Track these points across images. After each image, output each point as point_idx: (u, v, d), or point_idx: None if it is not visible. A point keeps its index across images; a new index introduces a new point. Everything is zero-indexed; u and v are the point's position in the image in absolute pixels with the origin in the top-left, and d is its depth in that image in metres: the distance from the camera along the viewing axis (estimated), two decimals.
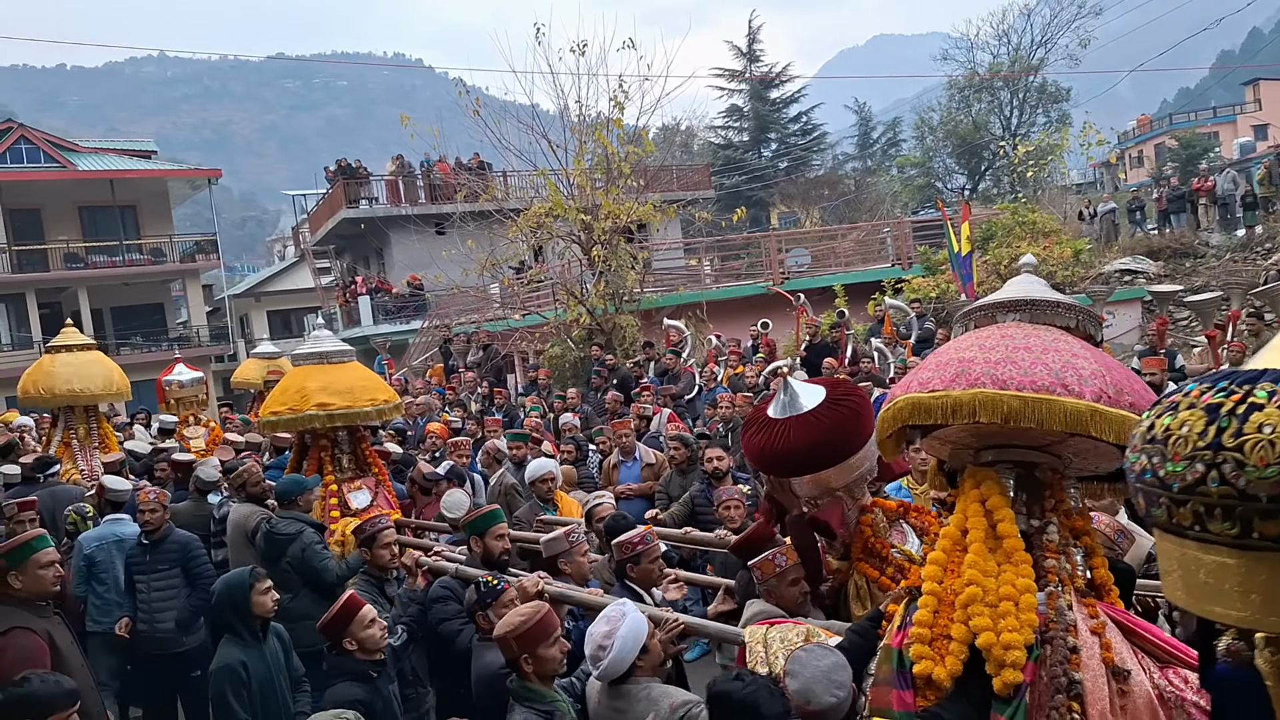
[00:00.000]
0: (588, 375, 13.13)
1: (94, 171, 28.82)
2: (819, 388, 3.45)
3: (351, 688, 3.76)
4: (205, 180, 31.78)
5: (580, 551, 4.37)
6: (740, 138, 41.22)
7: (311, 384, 5.93)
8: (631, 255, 14.90)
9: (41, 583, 4.13)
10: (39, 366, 8.88)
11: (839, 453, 3.25)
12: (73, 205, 29.02)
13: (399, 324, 24.72)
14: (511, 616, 3.32)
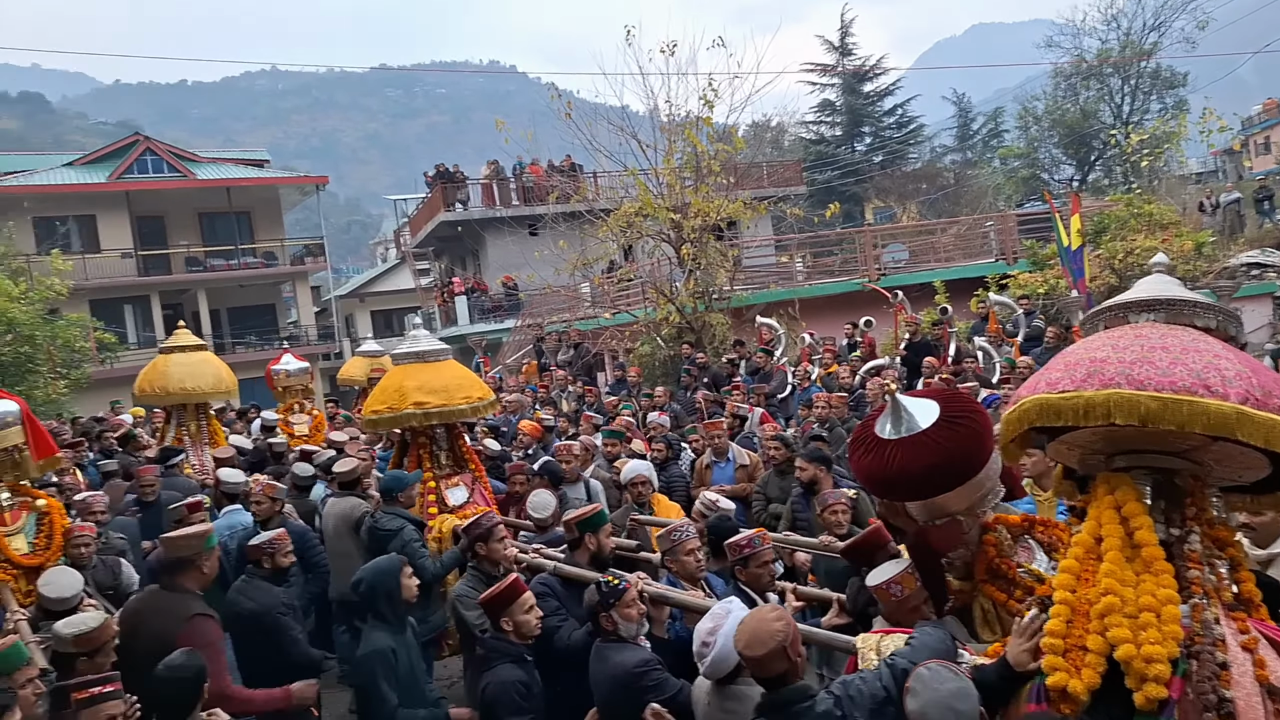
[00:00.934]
0: (677, 374, 13.03)
1: (212, 180, 30.29)
2: (932, 404, 3.17)
3: (513, 669, 3.82)
4: (314, 187, 33.07)
5: (685, 550, 4.26)
6: (833, 132, 40.45)
7: (409, 383, 6.00)
8: (721, 253, 14.73)
9: (212, 574, 4.45)
10: (154, 367, 9.31)
11: (958, 476, 3.00)
12: (193, 212, 30.56)
13: (494, 323, 25.16)
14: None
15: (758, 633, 2.76)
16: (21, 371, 18.11)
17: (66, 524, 5.54)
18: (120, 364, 24.18)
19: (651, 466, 6.60)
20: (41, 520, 5.43)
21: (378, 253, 52.11)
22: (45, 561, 5.20)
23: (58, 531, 5.40)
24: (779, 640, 2.73)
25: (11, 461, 5.35)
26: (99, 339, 22.40)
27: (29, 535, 5.34)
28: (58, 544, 5.38)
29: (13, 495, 5.40)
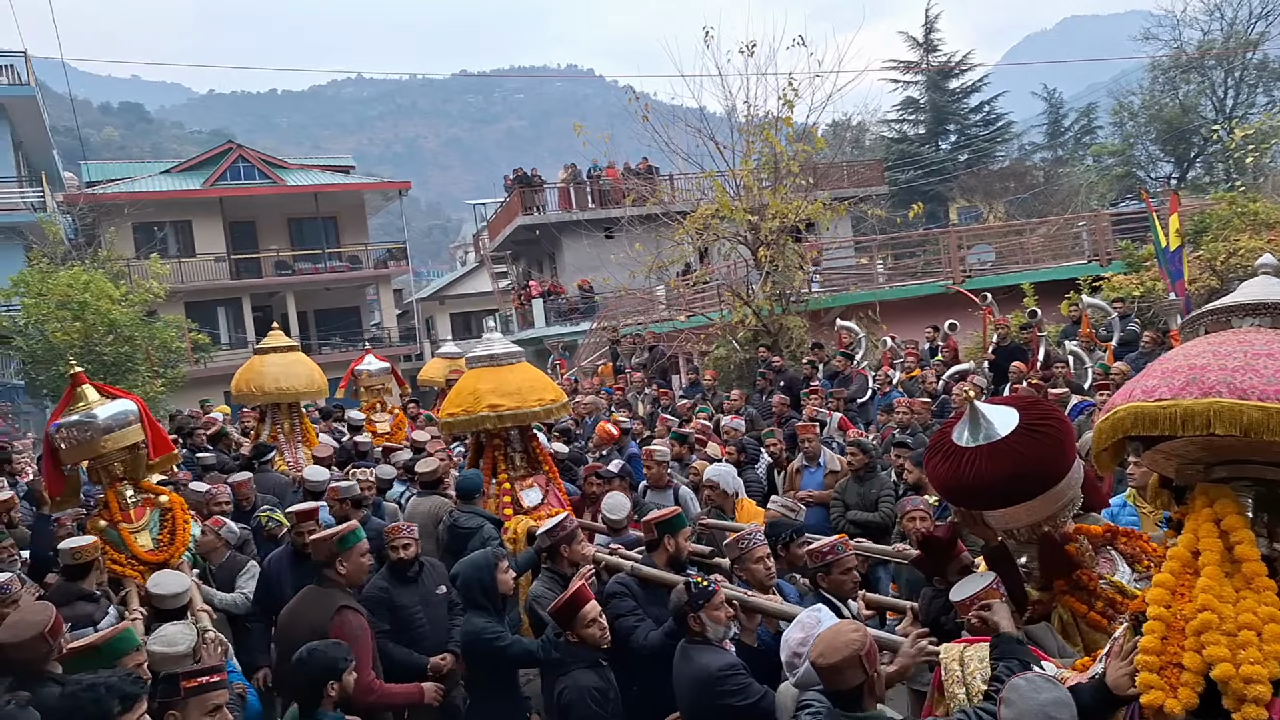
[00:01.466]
0: (753, 377, 12.94)
1: (301, 186, 31.40)
2: (1011, 411, 3.08)
3: (588, 674, 3.88)
4: (397, 192, 33.98)
5: (754, 557, 4.23)
6: (916, 131, 39.61)
7: (483, 386, 6.10)
8: (799, 255, 14.56)
9: (360, 570, 4.57)
10: (250, 367, 9.68)
11: (1038, 484, 2.90)
12: (282, 217, 31.74)
13: (570, 325, 25.43)
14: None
15: (832, 642, 2.72)
16: (122, 370, 19.06)
17: (188, 520, 5.63)
18: (213, 364, 25.26)
19: (732, 470, 6.55)
20: (164, 516, 5.52)
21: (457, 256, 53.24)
22: (170, 557, 5.32)
23: (180, 527, 5.49)
24: (854, 649, 2.67)
25: (132, 459, 5.44)
26: (194, 340, 23.45)
27: (153, 532, 5.42)
28: (181, 540, 5.46)
29: (136, 492, 5.50)
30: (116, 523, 5.29)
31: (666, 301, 19.55)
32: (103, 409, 5.29)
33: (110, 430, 5.23)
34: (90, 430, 5.20)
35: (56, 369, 18.42)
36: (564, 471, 7.42)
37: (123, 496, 5.41)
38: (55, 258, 21.04)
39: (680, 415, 10.40)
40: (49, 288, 18.66)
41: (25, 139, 25.52)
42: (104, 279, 19.54)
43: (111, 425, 5.24)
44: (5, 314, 19.51)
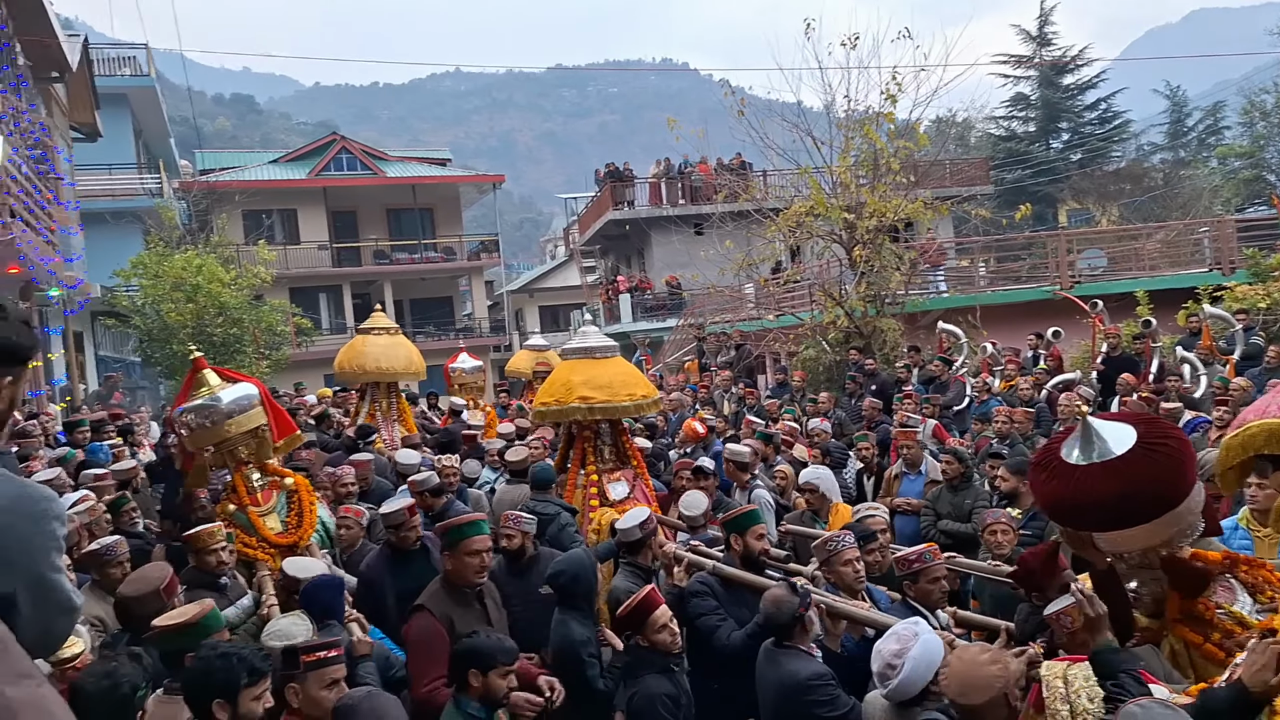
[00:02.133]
0: (842, 380, 12.75)
1: (399, 178, 32.37)
2: (1127, 428, 2.94)
3: (660, 681, 3.85)
4: (491, 185, 34.71)
5: (842, 560, 4.19)
6: (1025, 128, 38.24)
7: (576, 378, 6.17)
8: (896, 255, 14.25)
9: (464, 568, 4.33)
10: (352, 346, 10.05)
11: (1155, 507, 2.77)
12: (381, 208, 32.77)
13: (656, 321, 25.51)
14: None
15: (972, 680, 2.57)
16: (230, 351, 20.07)
17: (314, 501, 5.57)
18: (315, 347, 26.30)
19: (830, 473, 6.51)
20: (291, 499, 5.47)
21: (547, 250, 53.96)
22: (298, 540, 5.27)
23: (308, 510, 5.44)
24: (998, 688, 2.55)
25: (257, 443, 5.39)
26: (298, 324, 24.49)
27: (281, 514, 5.39)
28: (309, 522, 5.40)
29: (262, 475, 5.48)
30: (245, 506, 5.29)
31: (755, 300, 19.41)
32: (225, 393, 5.25)
33: (233, 414, 5.19)
34: (213, 415, 5.16)
35: (170, 347, 19.53)
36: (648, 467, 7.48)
37: (249, 480, 5.40)
38: (171, 242, 22.24)
39: (767, 416, 10.34)
40: (164, 270, 19.76)
41: (145, 127, 26.98)
42: (215, 263, 20.59)
43: (234, 409, 5.20)
44: (125, 294, 20.72)
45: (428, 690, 3.94)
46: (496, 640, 3.50)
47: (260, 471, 5.49)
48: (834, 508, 6.07)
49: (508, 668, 3.42)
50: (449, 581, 4.34)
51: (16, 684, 1.26)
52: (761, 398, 13.19)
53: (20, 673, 1.29)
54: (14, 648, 1.33)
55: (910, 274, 14.69)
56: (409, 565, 5.06)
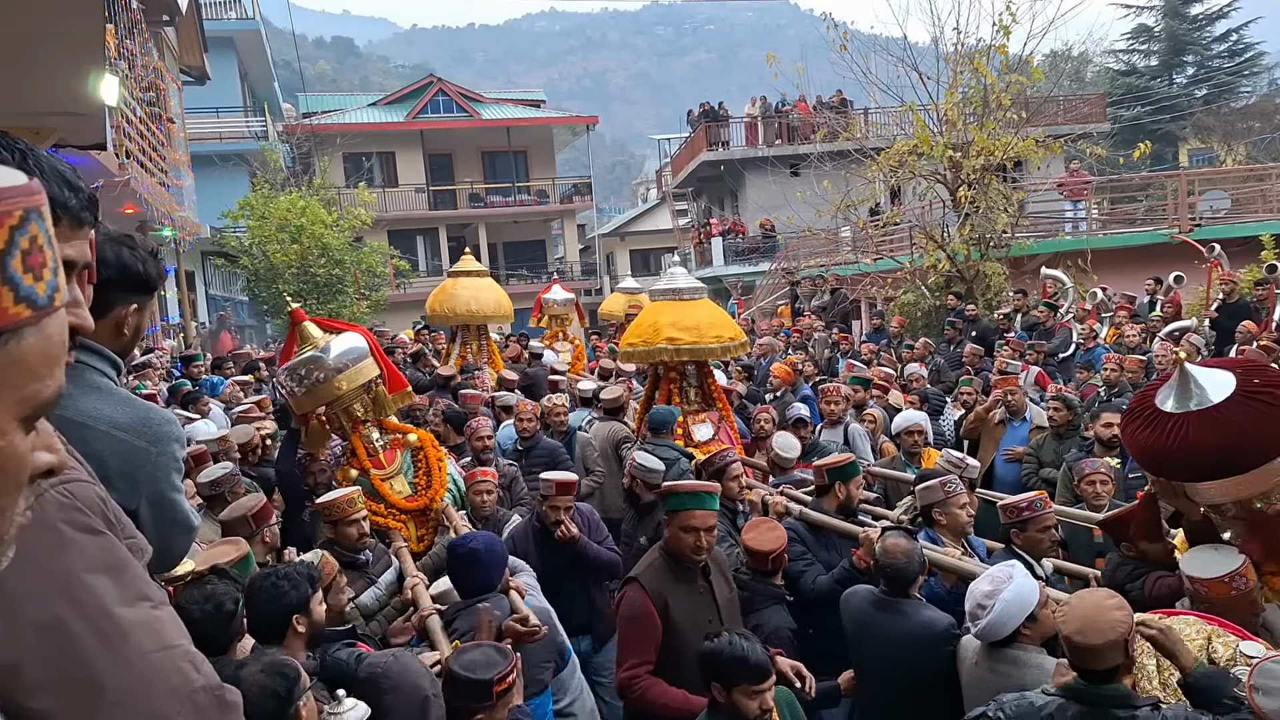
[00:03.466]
0: (940, 326, 12.39)
1: (494, 120, 32.58)
2: (1228, 375, 2.82)
3: (781, 613, 3.93)
4: (584, 127, 34.59)
5: (958, 503, 4.13)
6: (1147, 62, 35.80)
7: (663, 319, 6.21)
8: (1004, 196, 13.63)
9: (682, 546, 3.68)
10: (443, 289, 10.27)
11: (1253, 458, 2.64)
12: (476, 151, 33.08)
13: (748, 265, 25.20)
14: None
15: (1095, 620, 2.49)
16: (332, 291, 20.81)
17: (442, 458, 5.06)
18: (412, 289, 26.98)
19: (926, 417, 6.41)
20: (417, 457, 4.97)
21: (639, 193, 53.74)
22: (430, 502, 4.79)
23: (436, 468, 4.92)
24: (1120, 632, 2.48)
25: (372, 398, 4.89)
26: (396, 265, 25.12)
27: (408, 476, 4.91)
28: (440, 481, 4.89)
29: (382, 434, 4.96)
30: (367, 470, 4.79)
31: (852, 243, 18.94)
32: (331, 346, 4.69)
33: (343, 369, 4.64)
34: (321, 370, 4.60)
35: (275, 287, 20.34)
36: (739, 409, 7.45)
37: (369, 440, 4.87)
38: (275, 184, 23.01)
39: (864, 360, 10.14)
40: (270, 211, 20.51)
41: (250, 71, 27.75)
42: (318, 205, 21.26)
43: (343, 363, 4.65)
44: (233, 235, 21.57)
45: (627, 675, 3.44)
46: (742, 651, 2.87)
47: (379, 430, 4.95)
48: (926, 452, 5.99)
49: (756, 688, 2.85)
50: (669, 552, 3.63)
51: (133, 605, 1.28)
52: (856, 343, 12.96)
53: (138, 595, 1.31)
54: (134, 569, 1.35)
55: (1018, 215, 14.05)
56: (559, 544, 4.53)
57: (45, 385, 0.77)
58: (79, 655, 1.19)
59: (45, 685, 1.16)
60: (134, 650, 1.24)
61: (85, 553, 1.27)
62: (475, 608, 3.43)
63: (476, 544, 3.60)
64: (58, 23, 3.60)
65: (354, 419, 4.85)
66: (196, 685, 1.30)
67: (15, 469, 0.76)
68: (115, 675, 1.21)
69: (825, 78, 18.30)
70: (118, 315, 1.88)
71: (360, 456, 4.82)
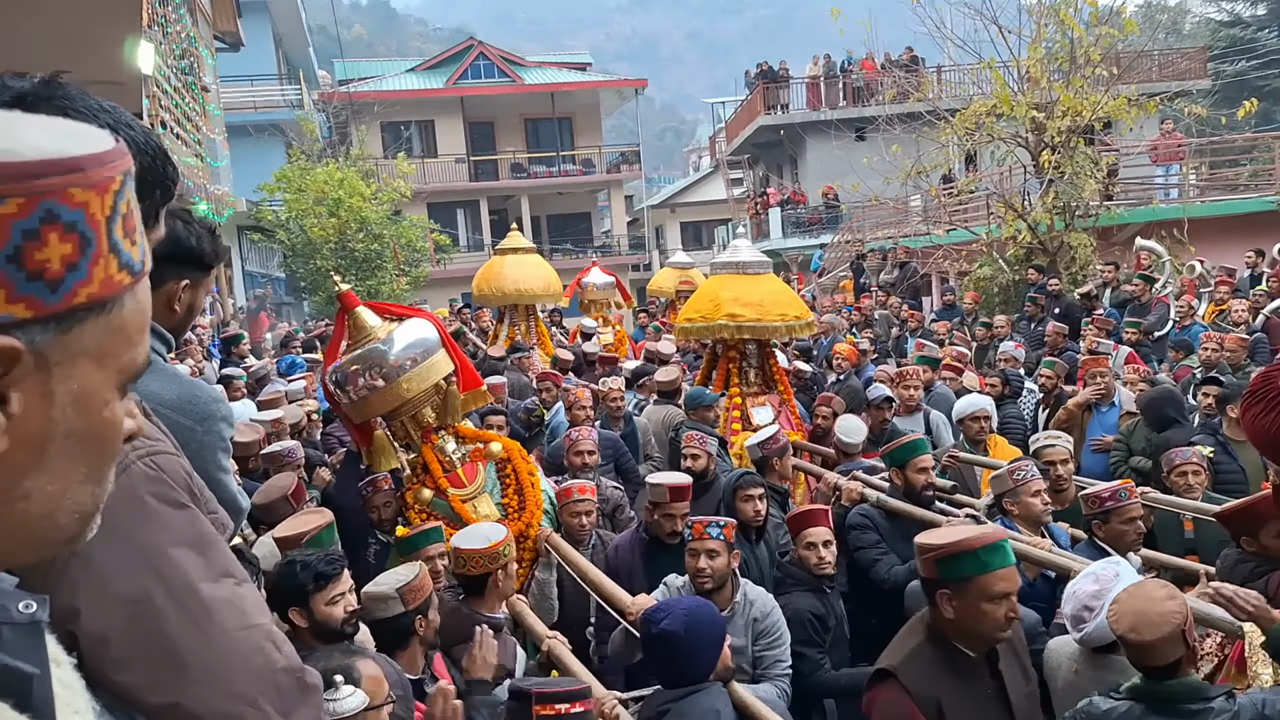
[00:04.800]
0: (1020, 301, 12.17)
1: (537, 85, 32.66)
2: None
3: (809, 598, 3.96)
4: (632, 91, 34.48)
5: (1030, 491, 4.09)
6: (1254, 12, 34.46)
7: (725, 293, 6.21)
8: (1092, 160, 13.29)
9: (983, 621, 3.69)
10: (490, 267, 10.37)
11: None
12: (519, 118, 33.23)
13: (809, 238, 24.97)
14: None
15: (1147, 615, 2.49)
16: (371, 267, 21.13)
17: (534, 471, 4.48)
18: (452, 265, 27.26)
19: (991, 402, 6.34)
20: (503, 471, 4.38)
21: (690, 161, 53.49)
22: (526, 528, 4.20)
23: (528, 484, 4.34)
24: (1175, 624, 2.46)
25: (444, 399, 4.26)
26: (436, 240, 25.40)
27: (494, 495, 4.31)
28: (534, 500, 4.29)
29: (459, 443, 4.36)
30: (444, 490, 4.20)
31: (923, 213, 18.65)
32: (394, 337, 4.07)
33: (409, 366, 4.02)
34: (383, 368, 3.97)
35: (314, 262, 20.72)
36: (802, 390, 7.41)
37: (443, 452, 4.28)
38: (312, 155, 23.37)
39: (936, 339, 10.01)
40: (307, 184, 20.86)
41: (285, 36, 28.16)
42: (356, 177, 21.57)
43: (410, 358, 4.04)
44: (269, 208, 21.98)
45: None
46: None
47: (454, 438, 4.37)
48: (992, 440, 5.96)
49: None
50: (941, 632, 2.72)
51: (217, 582, 1.32)
52: (926, 321, 12.80)
53: (222, 571, 1.34)
54: (219, 545, 1.39)
55: (1108, 182, 13.69)
56: (669, 554, 4.07)
57: (139, 351, 0.80)
58: (164, 631, 1.23)
59: (131, 660, 1.20)
60: (217, 628, 1.27)
61: (170, 526, 1.31)
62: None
63: (671, 623, 2.82)
64: None
65: (424, 427, 4.25)
66: (278, 666, 1.33)
67: (115, 436, 0.80)
68: (198, 653, 1.25)
69: (894, 34, 18.01)
70: (169, 290, 1.92)
71: (435, 473, 4.23)
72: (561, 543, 4.16)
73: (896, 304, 13.65)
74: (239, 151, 22.16)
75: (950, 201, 17.09)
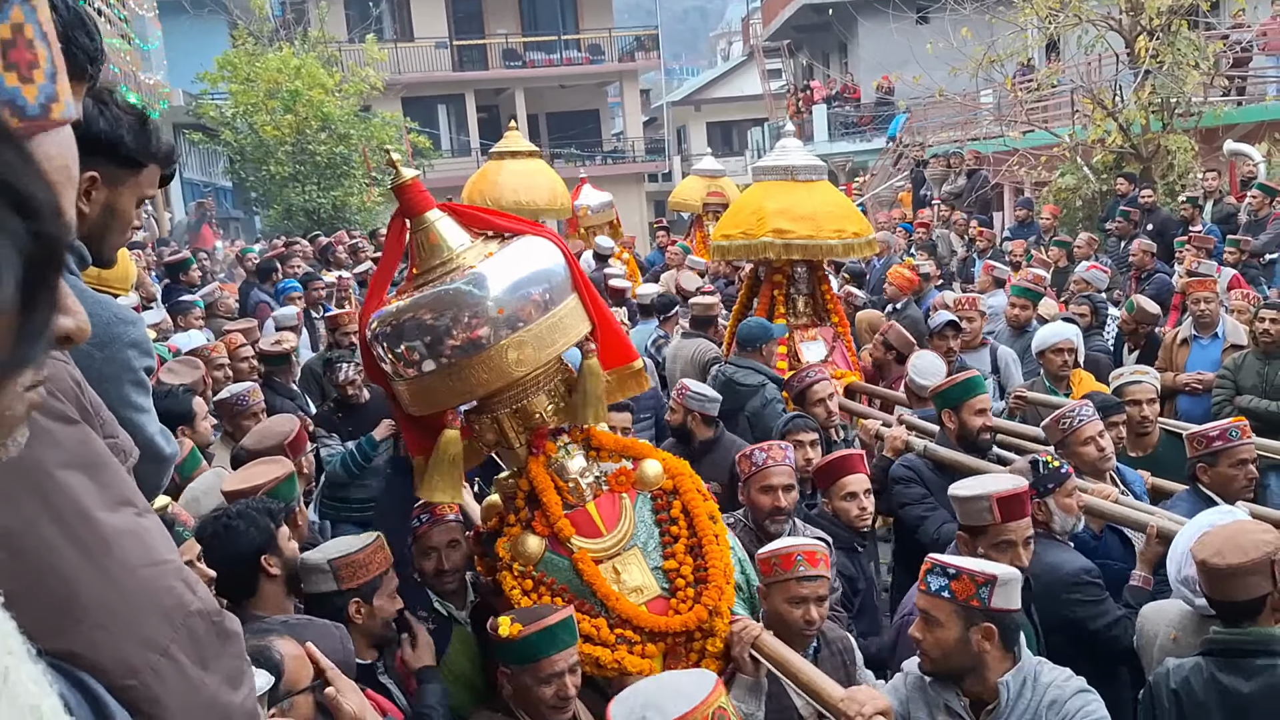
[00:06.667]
0: (1106, 216, 12.24)
1: None
2: None
3: (838, 556, 4.04)
4: None
5: (1080, 439, 4.23)
6: None
7: (770, 204, 6.06)
8: (1196, 47, 13.21)
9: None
10: (484, 175, 10.30)
11: None
12: None
13: (861, 142, 24.86)
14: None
15: (1235, 540, 2.62)
16: (337, 174, 20.99)
17: (714, 510, 3.26)
18: (434, 173, 27.07)
19: (1078, 332, 6.38)
20: (663, 510, 3.20)
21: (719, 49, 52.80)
22: (710, 615, 3.01)
23: (709, 534, 3.15)
24: (1264, 552, 2.58)
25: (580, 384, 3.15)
26: (414, 142, 25.22)
27: (649, 550, 3.13)
28: (721, 564, 3.09)
29: (591, 458, 3.20)
30: (563, 538, 3.01)
31: (996, 111, 18.57)
32: (493, 266, 2.89)
33: (521, 320, 2.89)
34: (474, 322, 2.83)
35: (267, 169, 20.54)
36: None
37: (565, 473, 3.12)
38: (262, 37, 23.04)
39: (1011, 262, 10.14)
40: (257, 73, 20.53)
41: None
42: (316, 65, 21.23)
43: (524, 306, 2.90)
44: (212, 103, 21.70)
45: None
46: None
47: (584, 449, 3.22)
48: (1075, 375, 6.03)
49: None
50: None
51: (115, 510, 1.29)
52: (998, 239, 12.88)
53: (120, 498, 1.32)
54: (116, 468, 1.36)
55: (1214, 72, 13.62)
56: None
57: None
58: (53, 566, 1.20)
59: (17, 601, 1.06)
60: (118, 563, 1.25)
61: (59, 444, 1.26)
62: None
63: None
64: None
65: (535, 429, 3.13)
66: (192, 609, 1.31)
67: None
68: (97, 592, 1.22)
69: None
70: None
71: (549, 509, 3.04)
72: (779, 647, 2.98)
73: (963, 219, 13.72)
74: (174, 33, 21.75)
75: (1028, 98, 17.00)
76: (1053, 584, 3.51)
